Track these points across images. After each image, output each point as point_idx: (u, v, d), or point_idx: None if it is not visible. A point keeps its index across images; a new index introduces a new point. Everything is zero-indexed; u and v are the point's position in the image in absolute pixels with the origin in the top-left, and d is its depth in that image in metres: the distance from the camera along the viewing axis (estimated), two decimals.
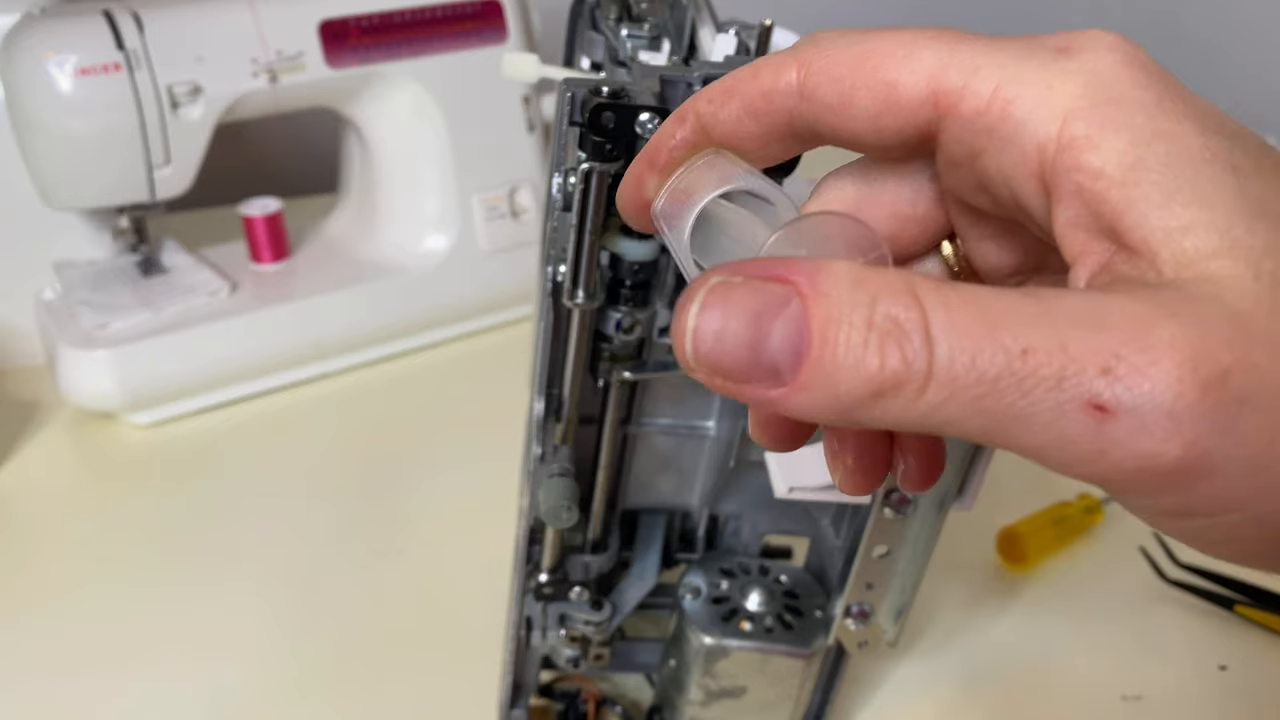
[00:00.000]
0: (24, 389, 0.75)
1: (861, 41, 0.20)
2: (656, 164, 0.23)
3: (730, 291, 0.17)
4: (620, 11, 0.43)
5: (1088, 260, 0.18)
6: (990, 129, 0.19)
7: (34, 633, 0.57)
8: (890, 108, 0.20)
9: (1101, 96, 0.18)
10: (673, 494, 0.46)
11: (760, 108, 0.21)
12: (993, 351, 0.16)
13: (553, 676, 0.52)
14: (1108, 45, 0.19)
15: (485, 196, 0.82)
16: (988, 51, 0.19)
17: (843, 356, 0.16)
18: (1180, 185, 0.17)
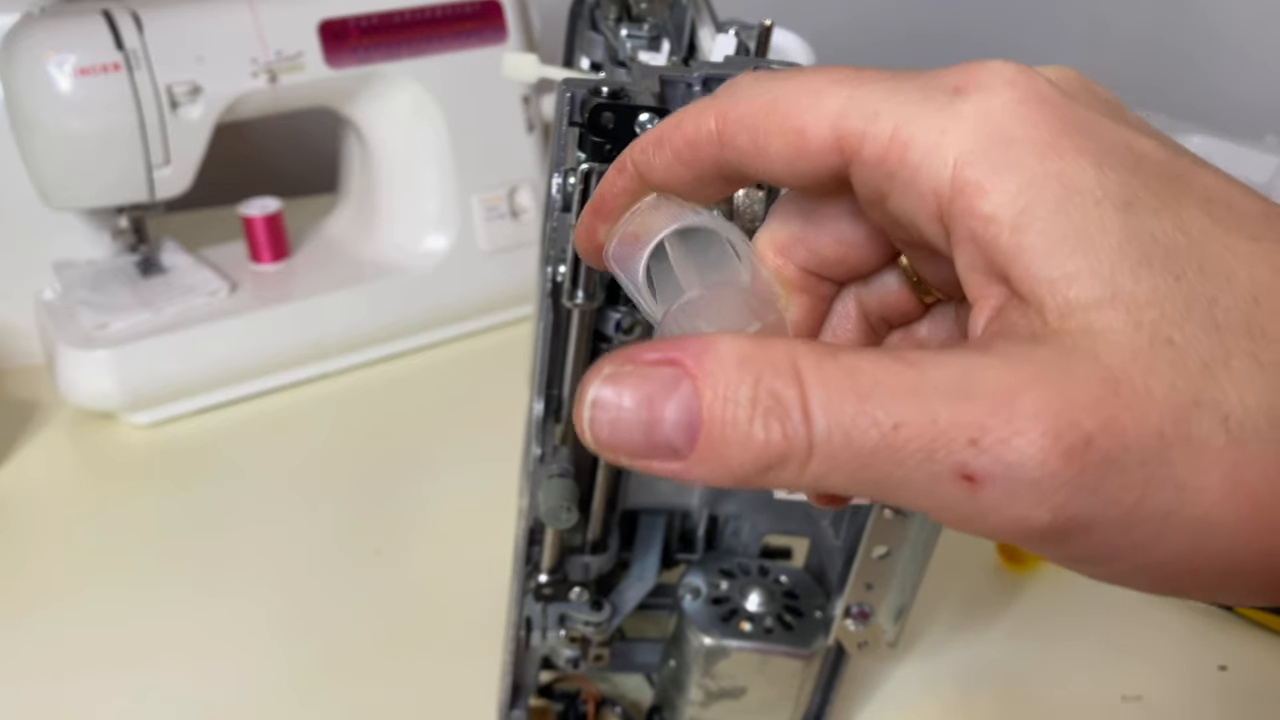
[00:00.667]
0: (23, 389, 0.75)
1: (771, 89, 0.21)
2: (603, 213, 0.24)
3: (623, 380, 0.18)
4: (620, 12, 0.43)
5: (985, 305, 0.19)
6: (891, 174, 0.19)
7: (34, 633, 0.56)
8: (801, 154, 0.20)
9: (993, 139, 0.18)
10: (672, 494, 0.46)
11: (687, 156, 0.22)
12: (866, 426, 0.17)
13: (552, 677, 0.52)
14: (1004, 80, 0.19)
15: (485, 196, 0.82)
16: (886, 95, 0.19)
17: (730, 433, 0.17)
18: (1066, 232, 0.17)
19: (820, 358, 0.17)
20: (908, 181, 0.19)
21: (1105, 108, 0.20)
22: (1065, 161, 0.18)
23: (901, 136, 0.19)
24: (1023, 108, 0.18)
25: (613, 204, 0.24)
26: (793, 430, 0.17)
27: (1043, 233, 0.17)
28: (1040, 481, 0.16)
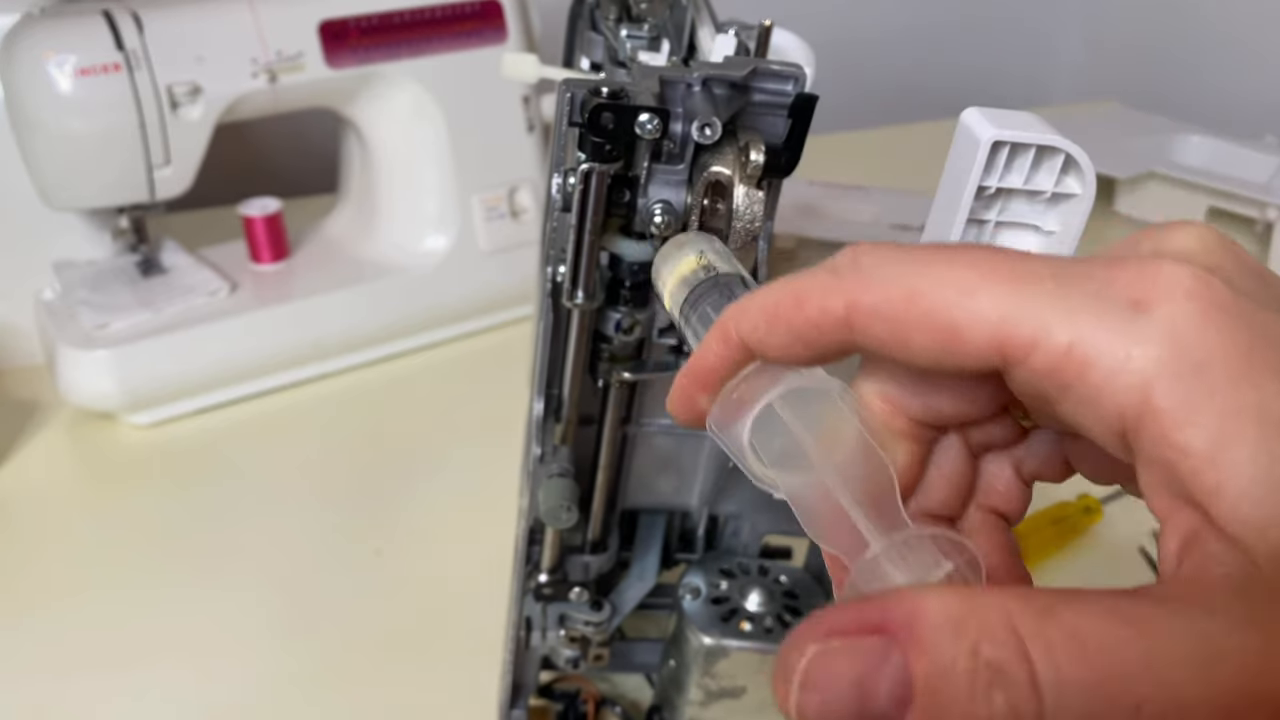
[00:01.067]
0: (23, 389, 0.75)
1: (910, 275, 0.20)
2: (707, 384, 0.23)
3: (830, 661, 0.17)
4: (620, 12, 0.43)
5: (1176, 525, 0.18)
6: (1066, 386, 0.18)
7: (34, 632, 0.57)
8: (951, 352, 0.19)
9: (1185, 363, 0.17)
10: (672, 494, 0.46)
11: (809, 338, 0.21)
12: (1105, 706, 0.16)
13: (552, 677, 0.52)
14: (1185, 293, 0.18)
15: (485, 197, 0.82)
16: (1054, 302, 0.18)
17: (949, 706, 0.16)
18: (1273, 472, 0.17)
19: (1040, 620, 0.16)
20: (1085, 399, 0.18)
21: (1261, 288, 0.19)
22: (1258, 389, 0.17)
23: (1080, 353, 0.18)
24: (1209, 321, 0.18)
25: (716, 374, 0.23)
26: (1021, 704, 0.16)
27: (1246, 474, 0.17)
28: None
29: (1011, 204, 0.35)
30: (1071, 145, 0.34)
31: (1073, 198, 0.34)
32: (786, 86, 0.33)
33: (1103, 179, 0.98)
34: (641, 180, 0.33)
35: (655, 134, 0.31)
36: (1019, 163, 0.34)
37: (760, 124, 0.34)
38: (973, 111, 0.34)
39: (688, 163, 0.33)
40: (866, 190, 0.96)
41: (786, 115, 0.34)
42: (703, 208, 0.34)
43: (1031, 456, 0.24)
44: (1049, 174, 0.34)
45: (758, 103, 0.33)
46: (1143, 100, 1.25)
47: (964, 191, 0.34)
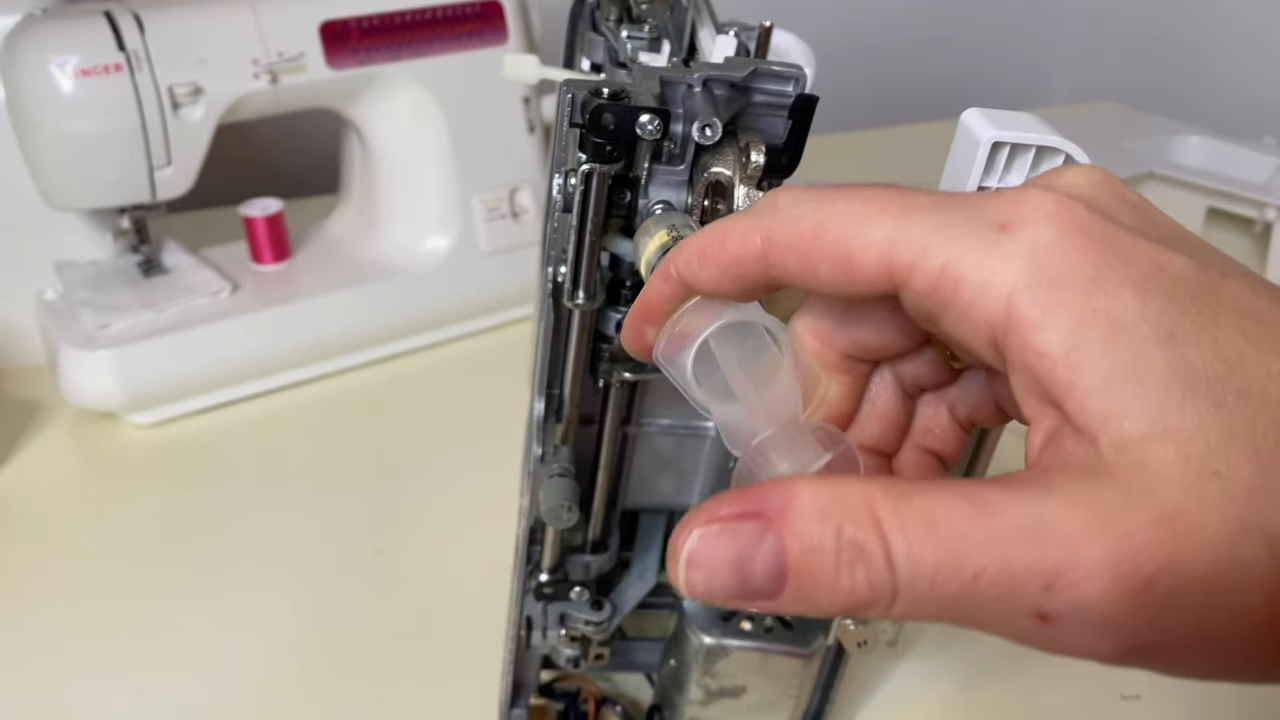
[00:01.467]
0: (25, 389, 0.75)
1: (816, 213, 0.22)
2: (651, 317, 0.25)
3: (711, 541, 0.20)
4: (620, 13, 0.44)
5: (1040, 427, 0.20)
6: (944, 304, 0.20)
7: (35, 632, 0.57)
8: (850, 279, 0.21)
9: (1041, 277, 0.19)
10: (673, 494, 0.46)
11: (734, 272, 0.23)
12: (948, 575, 0.18)
13: (553, 676, 0.52)
14: (1048, 215, 0.20)
15: (486, 197, 0.82)
16: (934, 229, 0.20)
17: (819, 579, 0.19)
18: (1115, 369, 0.18)
19: (896, 504, 0.19)
20: (960, 313, 0.20)
21: (1136, 216, 0.21)
22: (1109, 296, 0.19)
23: (953, 272, 0.20)
24: (1065, 243, 0.19)
25: (659, 309, 0.25)
26: (877, 577, 0.18)
27: (1094, 370, 0.18)
28: (1109, 619, 0.18)
29: None
30: (1071, 145, 0.34)
31: None
32: (787, 87, 0.33)
33: None
34: (642, 181, 0.33)
35: (656, 135, 0.31)
36: (1019, 163, 0.34)
37: (761, 125, 0.34)
38: (973, 112, 0.35)
39: (688, 163, 0.33)
40: None
41: (787, 116, 0.34)
42: (703, 208, 0.34)
43: (964, 399, 0.26)
44: None
45: (758, 103, 0.34)
46: (1142, 101, 1.25)
47: (964, 191, 0.34)
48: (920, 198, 0.21)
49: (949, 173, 0.35)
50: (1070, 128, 0.34)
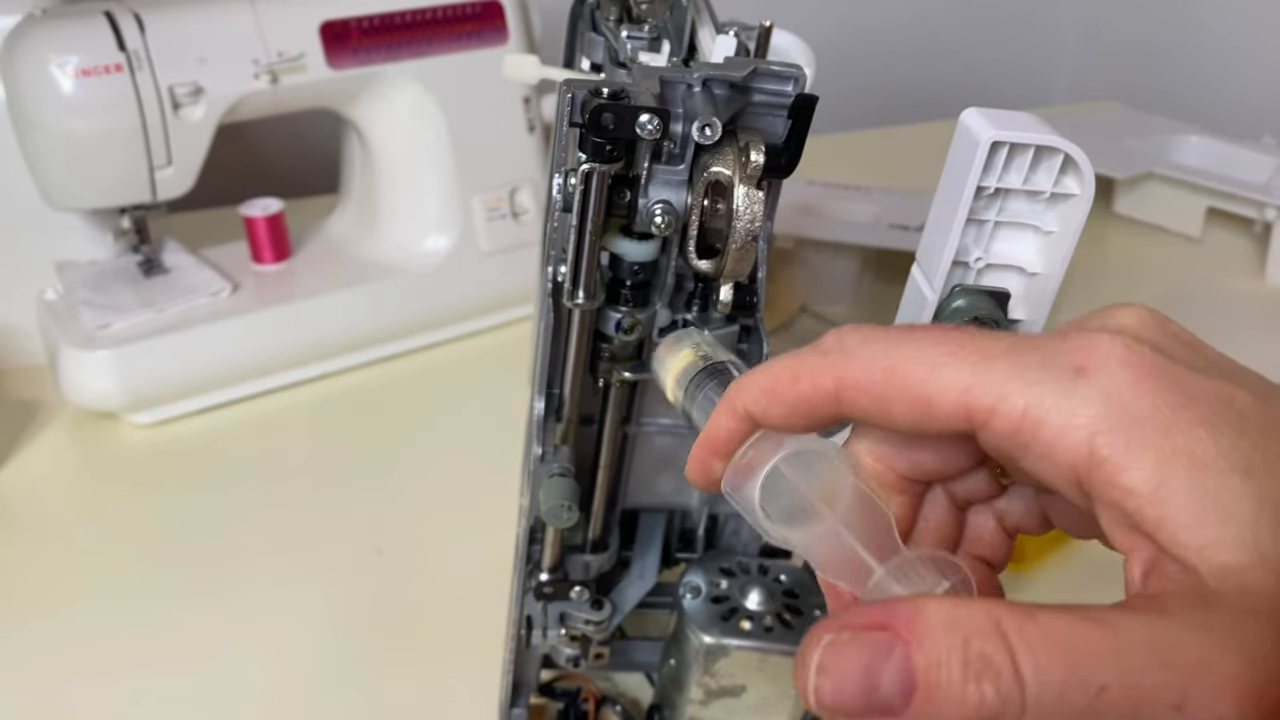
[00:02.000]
0: (25, 389, 0.75)
1: (888, 356, 0.23)
2: (720, 452, 0.26)
3: (841, 650, 0.20)
4: (620, 13, 0.44)
5: (1138, 556, 0.21)
6: (1024, 445, 0.21)
7: (35, 632, 0.57)
8: (926, 420, 0.23)
9: (1122, 419, 0.20)
10: (672, 493, 0.47)
11: (804, 410, 0.24)
12: (1076, 689, 0.19)
13: (553, 675, 0.52)
14: (1119, 360, 0.21)
15: (486, 197, 0.82)
16: (1011, 373, 0.22)
17: (946, 693, 0.19)
18: (1204, 503, 0.20)
19: (1021, 621, 0.19)
20: (1042, 454, 0.21)
21: (1191, 354, 0.23)
22: (1185, 434, 0.20)
23: (1033, 416, 0.21)
24: (1139, 386, 0.21)
25: (728, 444, 0.26)
26: (1006, 691, 0.19)
27: (1182, 505, 0.20)
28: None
29: (1010, 204, 0.36)
30: (1070, 145, 0.34)
31: (1071, 198, 0.35)
32: (786, 87, 0.33)
33: (1101, 179, 0.98)
34: (642, 180, 0.33)
35: (656, 134, 0.31)
36: (1018, 163, 0.34)
37: (760, 124, 0.34)
38: (972, 112, 0.35)
39: (688, 163, 0.33)
40: (866, 190, 0.96)
41: (786, 116, 0.34)
42: (703, 208, 0.34)
43: (1012, 510, 0.27)
44: (1048, 174, 0.35)
45: (758, 103, 0.34)
46: (1141, 101, 1.25)
47: (963, 191, 0.34)
48: (993, 342, 0.22)
49: (948, 172, 0.36)
50: (1070, 128, 0.34)
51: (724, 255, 0.34)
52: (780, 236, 0.86)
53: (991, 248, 0.36)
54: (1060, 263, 0.35)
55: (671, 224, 0.33)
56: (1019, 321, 0.37)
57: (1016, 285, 0.37)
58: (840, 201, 0.94)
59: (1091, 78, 1.54)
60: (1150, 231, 1.06)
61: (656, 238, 0.35)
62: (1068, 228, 0.35)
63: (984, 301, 0.36)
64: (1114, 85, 1.44)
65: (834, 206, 0.94)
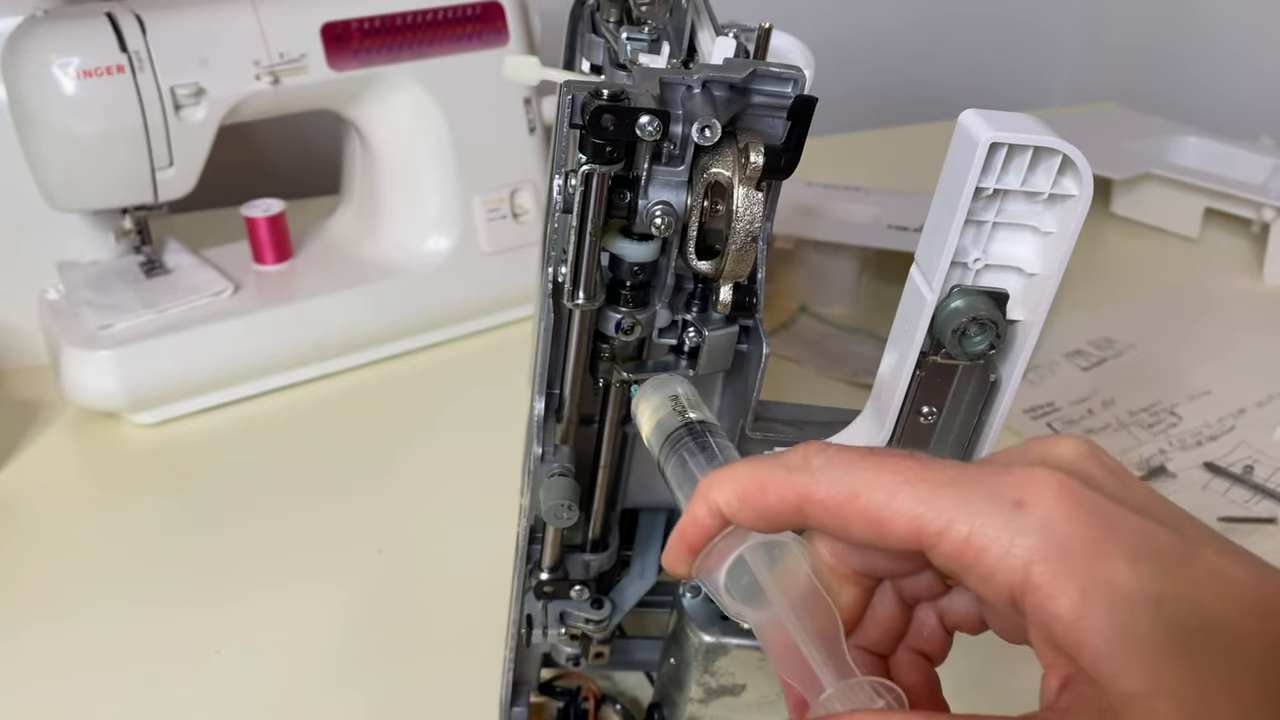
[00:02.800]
0: (27, 389, 0.75)
1: (849, 479, 0.25)
2: (695, 547, 0.29)
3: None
4: (620, 14, 0.44)
5: (1056, 672, 0.24)
6: (968, 566, 0.24)
7: (37, 632, 0.57)
8: (881, 538, 0.25)
9: (1053, 550, 0.23)
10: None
11: (770, 517, 0.27)
12: None
13: (553, 674, 0.52)
14: (1054, 495, 0.23)
15: (486, 198, 0.82)
16: (957, 504, 0.24)
17: None
18: (1116, 633, 0.22)
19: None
20: (983, 576, 0.24)
21: (1118, 485, 0.25)
22: (1108, 566, 0.23)
23: (976, 543, 0.24)
24: (1070, 518, 0.23)
25: (702, 539, 0.28)
26: None
27: (1099, 634, 0.22)
28: None
29: (1009, 205, 0.36)
30: (1068, 146, 0.34)
31: (1070, 199, 0.35)
32: (786, 88, 0.34)
33: (1100, 180, 0.99)
34: (642, 181, 0.34)
35: (655, 136, 0.31)
36: (1016, 164, 0.34)
37: (760, 125, 0.34)
38: (971, 113, 0.35)
39: (688, 164, 0.34)
40: (865, 191, 0.97)
41: (786, 117, 0.34)
42: (702, 209, 0.34)
43: (953, 609, 0.30)
44: (1046, 175, 0.35)
45: (757, 104, 0.34)
46: (1140, 101, 1.26)
47: (962, 192, 0.34)
48: (940, 472, 0.25)
49: (947, 173, 0.36)
50: (1069, 129, 0.34)
51: (723, 256, 0.34)
52: (780, 237, 0.87)
53: (990, 248, 0.36)
54: (1059, 263, 0.35)
55: (671, 225, 0.34)
56: (1017, 321, 0.37)
57: (1015, 286, 0.37)
58: (839, 202, 0.95)
59: (1090, 79, 1.54)
60: (1148, 232, 1.06)
61: (656, 239, 0.35)
62: (1066, 228, 0.35)
63: (982, 302, 0.36)
64: (1112, 86, 1.45)
65: (833, 207, 0.94)
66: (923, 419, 0.39)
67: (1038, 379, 0.81)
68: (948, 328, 0.36)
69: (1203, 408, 0.78)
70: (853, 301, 0.89)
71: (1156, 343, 0.86)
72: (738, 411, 0.42)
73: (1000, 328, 0.36)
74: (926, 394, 0.38)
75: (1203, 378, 0.81)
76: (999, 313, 0.36)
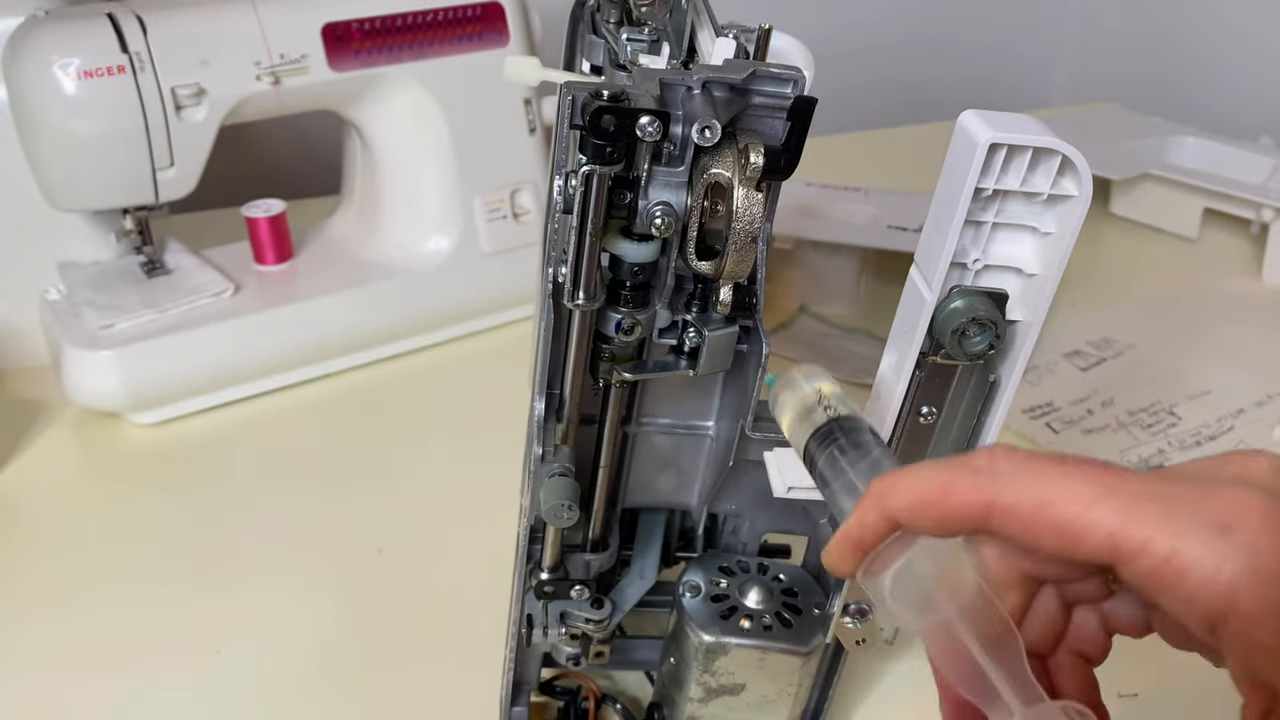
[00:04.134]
0: (28, 389, 0.75)
1: (1041, 490, 0.25)
2: (862, 549, 0.28)
3: None
4: (620, 15, 0.44)
5: (1256, 702, 0.23)
6: (1166, 588, 0.23)
7: (37, 632, 0.57)
8: (1072, 550, 0.24)
9: (1260, 578, 0.22)
10: (672, 493, 0.47)
11: (951, 525, 0.26)
12: None
13: (553, 674, 0.52)
14: (1260, 519, 0.23)
15: (487, 198, 0.82)
16: (1160, 520, 0.23)
17: None
18: None
19: None
20: (1182, 599, 0.23)
21: None
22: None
23: (1177, 564, 0.23)
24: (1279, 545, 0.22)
25: (871, 543, 0.28)
26: None
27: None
28: None
29: (1008, 205, 0.36)
30: (1068, 147, 0.34)
31: (1069, 199, 0.35)
32: (785, 89, 0.34)
33: (1099, 180, 0.99)
34: (642, 182, 0.34)
35: (655, 136, 0.31)
36: (1016, 164, 0.35)
37: (759, 126, 0.34)
38: (970, 113, 0.35)
39: (688, 164, 0.34)
40: (865, 192, 0.97)
41: (785, 117, 0.34)
42: (702, 209, 0.34)
43: (1117, 613, 0.29)
44: (1045, 175, 0.35)
45: (757, 105, 0.34)
46: (1139, 102, 1.26)
47: (961, 193, 0.34)
48: (1142, 485, 0.24)
49: (946, 173, 0.36)
50: (1068, 129, 0.34)
51: (723, 256, 0.34)
52: (780, 237, 0.87)
53: (989, 249, 0.36)
54: (1058, 264, 0.36)
55: (671, 225, 0.34)
56: (1017, 322, 0.37)
57: (1014, 286, 0.37)
58: (839, 202, 0.95)
59: (1089, 79, 1.54)
60: (1147, 232, 1.06)
61: (656, 239, 0.35)
62: (1065, 229, 0.35)
63: (982, 302, 0.36)
64: (1112, 86, 1.45)
65: (833, 208, 0.94)
66: (922, 419, 0.39)
67: (1037, 379, 0.81)
68: (947, 328, 0.36)
69: (1202, 408, 0.78)
70: (852, 302, 0.90)
71: (1155, 343, 0.86)
72: (738, 411, 0.42)
73: (999, 328, 0.36)
74: (926, 394, 0.39)
75: (1202, 378, 0.81)
76: (998, 313, 0.36)
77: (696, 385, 0.43)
